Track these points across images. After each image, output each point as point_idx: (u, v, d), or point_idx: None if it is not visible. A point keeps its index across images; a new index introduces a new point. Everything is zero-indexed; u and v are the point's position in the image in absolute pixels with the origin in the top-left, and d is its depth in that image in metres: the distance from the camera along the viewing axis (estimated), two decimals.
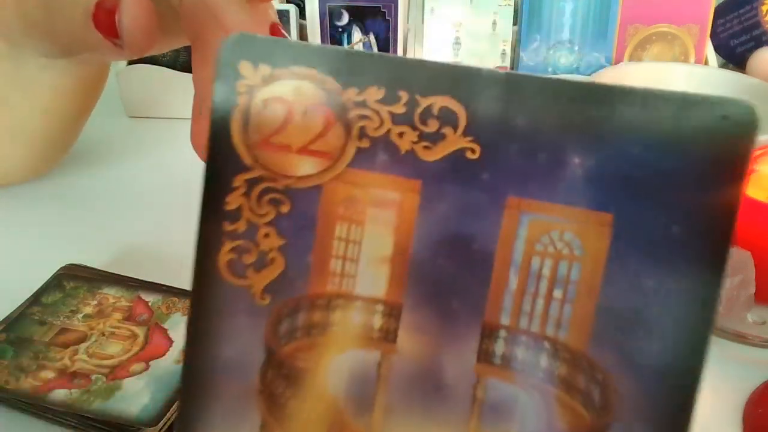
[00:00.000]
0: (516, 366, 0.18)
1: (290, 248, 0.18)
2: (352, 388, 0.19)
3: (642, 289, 0.18)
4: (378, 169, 0.17)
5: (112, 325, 0.40)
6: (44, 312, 0.41)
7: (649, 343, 0.18)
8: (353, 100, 0.16)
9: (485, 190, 0.17)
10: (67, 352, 0.38)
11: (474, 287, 0.18)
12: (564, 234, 0.18)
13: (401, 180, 0.17)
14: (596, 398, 0.18)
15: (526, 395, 0.18)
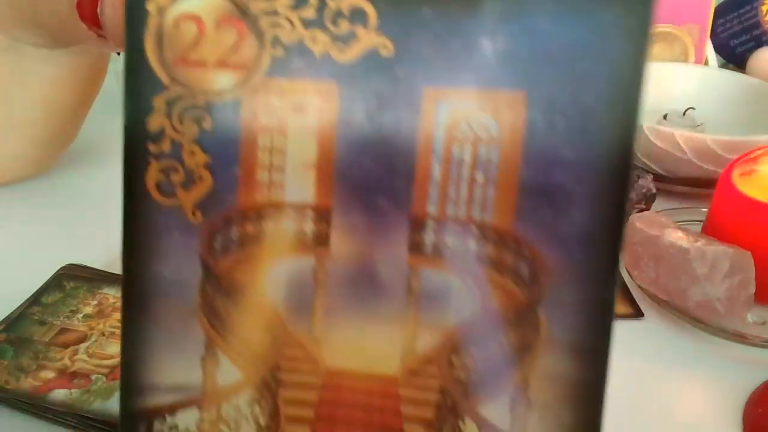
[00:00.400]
0: (447, 253, 0.19)
1: (216, 163, 0.18)
2: (291, 296, 0.19)
3: (560, 162, 0.18)
4: (295, 76, 0.17)
5: (112, 325, 0.40)
6: (44, 312, 0.41)
7: (571, 214, 0.18)
8: (263, 9, 0.16)
9: (401, 84, 0.17)
10: (67, 352, 0.38)
11: (399, 182, 0.18)
12: (481, 117, 0.18)
13: (319, 84, 0.17)
14: (526, 274, 0.19)
15: (459, 280, 0.19)
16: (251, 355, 0.20)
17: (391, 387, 0.20)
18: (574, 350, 0.18)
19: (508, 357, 0.19)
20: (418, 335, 0.19)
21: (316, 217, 0.19)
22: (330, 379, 0.20)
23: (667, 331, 0.46)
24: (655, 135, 0.58)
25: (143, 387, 0.20)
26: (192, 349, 0.20)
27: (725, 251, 0.43)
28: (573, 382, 0.18)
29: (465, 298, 0.19)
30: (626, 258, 0.49)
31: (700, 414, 0.40)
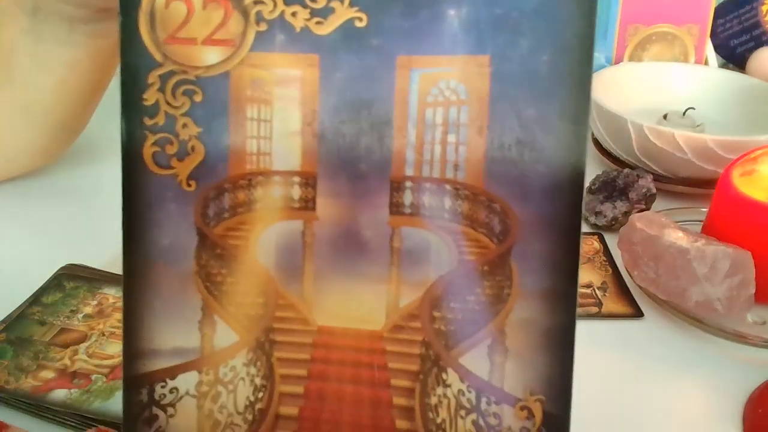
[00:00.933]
0: (424, 212, 0.20)
1: (208, 135, 0.19)
2: (281, 259, 0.20)
3: (524, 120, 0.19)
4: (278, 49, 0.18)
5: (112, 325, 0.40)
6: (44, 312, 0.41)
7: (537, 169, 0.19)
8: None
9: (376, 54, 0.19)
10: (67, 352, 0.38)
11: (378, 147, 0.20)
12: (450, 82, 0.19)
13: (300, 56, 0.19)
14: (497, 227, 0.20)
15: (437, 237, 0.20)
16: (246, 317, 0.21)
17: (378, 343, 0.21)
18: (544, 297, 0.20)
19: (485, 307, 0.20)
20: (401, 292, 0.20)
21: (302, 183, 0.20)
22: (320, 338, 0.21)
23: (667, 331, 0.46)
24: (655, 135, 0.58)
25: (144, 352, 0.21)
26: (189, 314, 0.21)
27: (725, 251, 0.43)
28: (544, 327, 0.20)
29: (443, 253, 0.20)
30: (626, 258, 0.49)
31: (700, 414, 0.40)
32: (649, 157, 0.60)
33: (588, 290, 0.49)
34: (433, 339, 0.20)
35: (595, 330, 0.46)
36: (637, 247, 0.47)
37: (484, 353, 0.20)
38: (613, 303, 0.48)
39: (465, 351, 0.20)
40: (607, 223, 0.56)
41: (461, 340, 0.20)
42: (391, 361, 0.21)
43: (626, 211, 0.55)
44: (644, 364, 0.43)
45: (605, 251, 0.53)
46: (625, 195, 0.56)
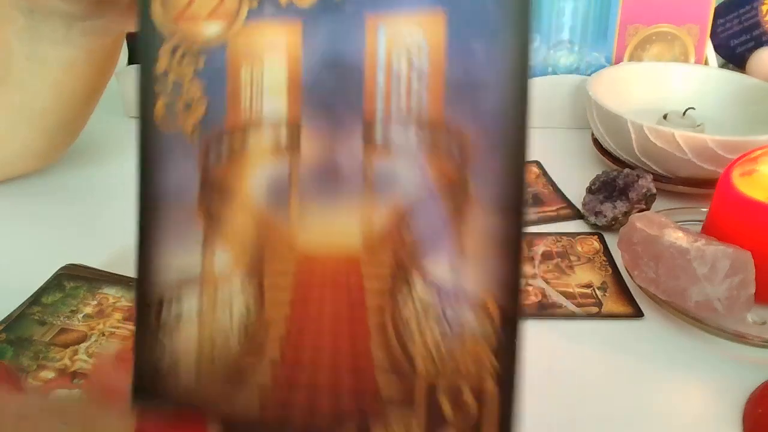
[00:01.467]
0: (393, 143, 0.23)
1: (209, 93, 0.23)
2: (271, 194, 0.24)
3: (475, 57, 0.23)
4: (267, 20, 0.22)
5: (112, 325, 0.40)
6: (44, 312, 0.41)
7: (487, 97, 0.23)
8: None
9: (350, 16, 0.22)
10: (67, 352, 0.38)
11: (353, 93, 0.23)
12: (412, 34, 0.23)
13: (286, 25, 0.23)
14: (456, 154, 0.23)
15: (405, 164, 0.23)
16: (240, 245, 0.24)
17: (355, 266, 0.24)
18: (497, 209, 0.23)
19: (446, 222, 0.23)
20: (374, 217, 0.24)
21: (288, 128, 0.24)
22: (304, 264, 0.24)
23: (667, 331, 0.46)
24: (655, 135, 0.58)
25: (153, 281, 0.25)
26: (192, 244, 0.24)
27: (725, 251, 0.43)
28: (498, 236, 0.23)
29: (410, 179, 0.23)
30: (626, 258, 0.49)
31: (700, 414, 0.40)
32: (649, 157, 0.60)
33: (588, 290, 0.49)
34: (403, 256, 0.23)
35: (595, 330, 0.46)
36: (637, 247, 0.47)
37: (446, 260, 0.23)
38: (613, 303, 0.48)
39: (429, 260, 0.23)
40: (607, 223, 0.56)
41: (426, 252, 0.23)
42: (367, 281, 0.24)
43: (626, 211, 0.55)
44: (644, 364, 0.43)
45: (605, 251, 0.53)
46: (625, 195, 0.56)
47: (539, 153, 0.69)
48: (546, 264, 0.52)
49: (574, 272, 0.51)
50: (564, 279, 0.50)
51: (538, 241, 0.55)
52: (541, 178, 0.65)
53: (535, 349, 0.45)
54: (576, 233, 0.56)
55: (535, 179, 0.65)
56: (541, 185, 0.64)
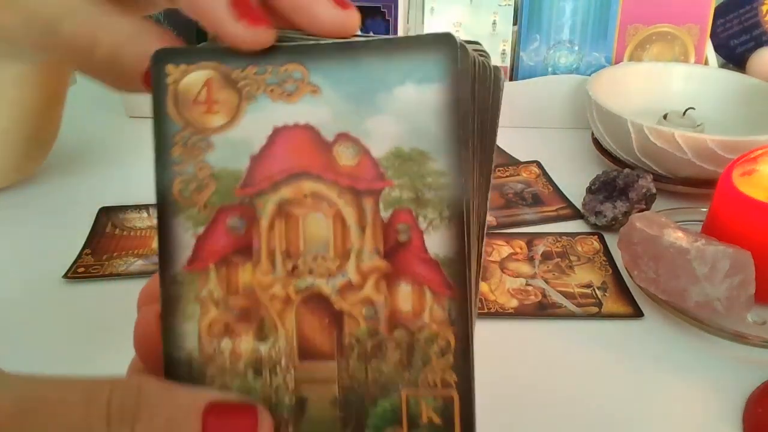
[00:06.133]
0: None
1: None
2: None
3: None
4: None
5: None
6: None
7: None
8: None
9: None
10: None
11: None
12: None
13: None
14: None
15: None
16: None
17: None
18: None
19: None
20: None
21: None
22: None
23: (667, 331, 0.46)
24: (655, 135, 0.58)
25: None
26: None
27: (725, 251, 0.43)
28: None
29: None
30: (626, 258, 0.49)
31: (700, 414, 0.40)
32: (649, 157, 0.60)
33: (588, 290, 0.49)
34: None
35: (595, 330, 0.46)
36: (637, 247, 0.47)
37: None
38: (613, 303, 0.48)
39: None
40: (607, 223, 0.56)
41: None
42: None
43: (626, 211, 0.55)
44: (644, 364, 0.43)
45: (605, 251, 0.53)
46: (625, 195, 0.56)
47: (539, 153, 0.69)
48: (546, 264, 0.52)
49: (574, 272, 0.51)
50: (564, 279, 0.50)
51: (538, 241, 0.55)
52: (541, 178, 0.65)
53: (535, 349, 0.45)
54: (576, 233, 0.56)
55: (535, 179, 0.65)
56: (541, 185, 0.64)
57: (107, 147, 0.69)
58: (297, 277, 0.26)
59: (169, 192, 0.26)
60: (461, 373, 0.25)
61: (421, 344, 0.25)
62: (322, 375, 0.26)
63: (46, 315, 0.46)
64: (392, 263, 0.25)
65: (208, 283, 0.26)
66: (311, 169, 0.26)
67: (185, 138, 0.26)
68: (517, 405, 0.39)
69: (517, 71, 0.76)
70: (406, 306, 0.26)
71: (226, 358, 0.26)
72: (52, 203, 0.59)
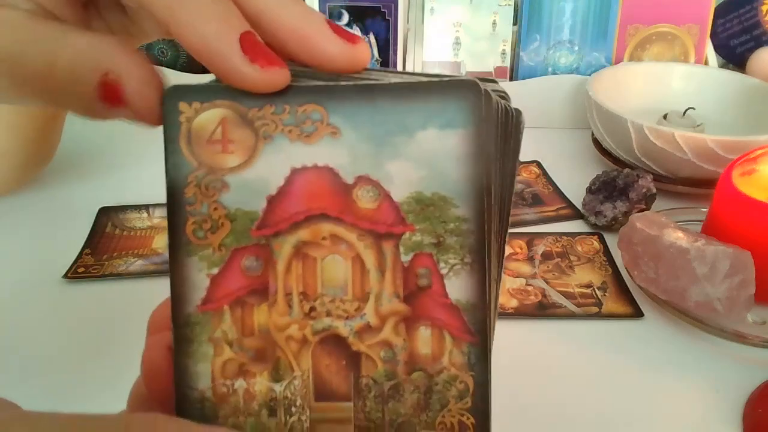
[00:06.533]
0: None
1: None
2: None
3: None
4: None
5: None
6: None
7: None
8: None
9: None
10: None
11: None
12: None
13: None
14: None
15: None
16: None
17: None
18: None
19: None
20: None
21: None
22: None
23: (667, 331, 0.46)
24: (655, 135, 0.58)
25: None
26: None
27: (725, 251, 0.43)
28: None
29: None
30: (626, 258, 0.49)
31: (700, 414, 0.40)
32: (649, 157, 0.60)
33: (588, 290, 0.49)
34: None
35: (595, 330, 0.46)
36: (637, 247, 0.47)
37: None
38: (613, 303, 0.48)
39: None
40: (607, 223, 0.56)
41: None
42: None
43: (626, 211, 0.55)
44: (644, 364, 0.43)
45: (605, 251, 0.53)
46: (625, 195, 0.56)
47: (539, 153, 0.69)
48: (546, 264, 0.52)
49: (574, 272, 0.51)
50: (564, 279, 0.50)
51: (538, 241, 0.55)
52: (541, 178, 0.65)
53: (535, 349, 0.45)
54: (576, 233, 0.56)
55: (535, 179, 0.65)
56: (541, 185, 0.64)
57: (107, 147, 0.69)
58: (314, 318, 0.26)
59: (182, 232, 0.26)
60: (479, 415, 0.25)
61: (440, 387, 0.25)
62: (337, 416, 0.25)
63: (46, 315, 0.46)
64: (412, 307, 0.25)
65: (222, 324, 0.26)
66: (330, 212, 0.25)
67: (199, 178, 0.25)
68: (517, 405, 0.39)
69: (517, 71, 0.76)
70: (425, 349, 0.25)
71: (240, 398, 0.26)
72: (52, 203, 0.59)
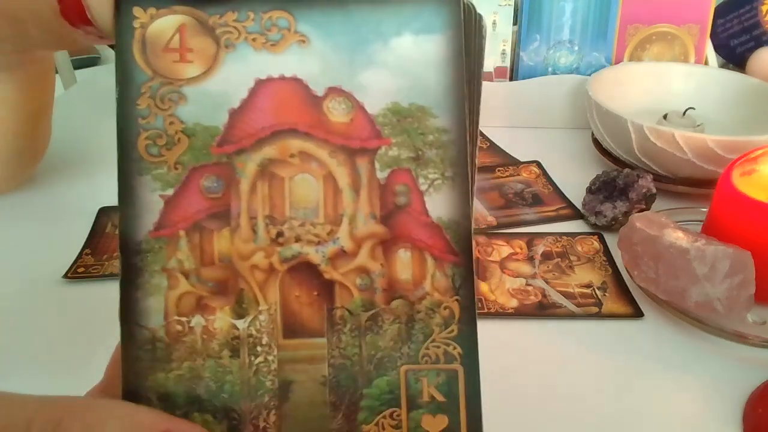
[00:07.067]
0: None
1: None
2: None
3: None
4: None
5: None
6: None
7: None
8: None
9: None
10: None
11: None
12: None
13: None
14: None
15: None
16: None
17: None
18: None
19: None
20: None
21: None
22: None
23: (667, 331, 0.46)
24: (655, 135, 0.58)
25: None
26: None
27: (725, 251, 0.43)
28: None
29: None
30: (626, 258, 0.49)
31: (700, 414, 0.40)
32: (649, 157, 0.60)
33: (588, 290, 0.49)
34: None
35: (595, 330, 0.46)
36: (637, 247, 0.47)
37: None
38: (613, 303, 0.48)
39: None
40: (607, 223, 0.56)
41: None
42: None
43: (626, 211, 0.55)
44: (644, 364, 0.43)
45: (605, 251, 0.53)
46: (625, 195, 0.56)
47: (539, 153, 0.69)
48: (546, 264, 0.52)
49: (574, 272, 0.51)
50: (564, 279, 0.50)
51: (538, 241, 0.55)
52: (541, 178, 0.65)
53: (535, 349, 0.45)
54: (576, 233, 0.56)
55: (535, 179, 0.65)
56: (541, 185, 0.64)
57: (107, 147, 0.69)
58: (282, 244, 0.23)
59: (133, 148, 0.23)
60: (466, 344, 0.23)
61: (422, 315, 0.23)
62: (309, 354, 0.23)
63: (46, 315, 0.46)
64: (390, 228, 0.23)
65: (178, 252, 0.23)
66: (299, 126, 0.23)
67: (154, 89, 0.23)
68: (517, 405, 0.39)
69: (517, 71, 0.76)
70: (405, 274, 0.23)
71: (197, 337, 0.23)
72: (52, 203, 0.59)
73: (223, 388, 0.23)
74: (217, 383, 0.23)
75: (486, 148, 0.71)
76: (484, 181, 0.64)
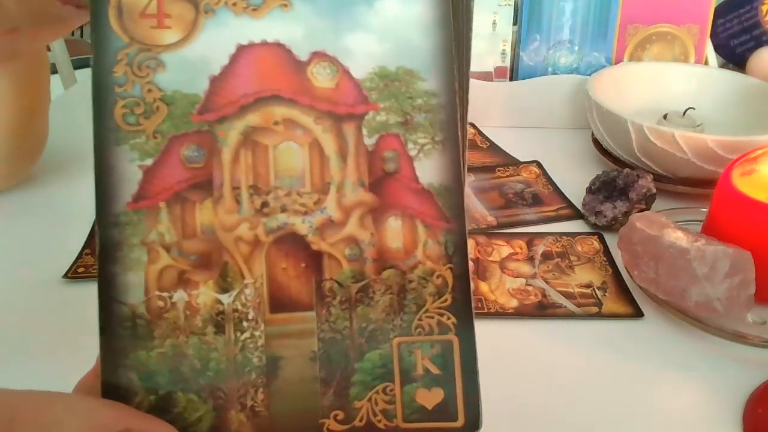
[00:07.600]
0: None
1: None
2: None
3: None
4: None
5: None
6: None
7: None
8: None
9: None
10: None
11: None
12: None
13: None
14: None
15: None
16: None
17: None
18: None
19: None
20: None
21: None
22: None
23: (667, 331, 0.46)
24: (655, 135, 0.58)
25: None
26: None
27: (725, 251, 0.43)
28: None
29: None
30: (626, 258, 0.49)
31: (700, 414, 0.40)
32: (649, 157, 0.60)
33: (588, 290, 0.49)
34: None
35: (595, 330, 0.46)
36: (637, 247, 0.47)
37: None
38: (613, 303, 0.48)
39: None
40: (607, 223, 0.56)
41: None
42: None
43: (626, 211, 0.55)
44: (644, 364, 0.43)
45: (605, 251, 0.53)
46: (625, 195, 0.56)
47: (539, 153, 0.69)
48: (546, 264, 0.52)
49: (574, 272, 0.51)
50: (564, 279, 0.50)
51: (538, 241, 0.55)
52: (541, 178, 0.65)
53: (535, 349, 0.45)
54: (576, 233, 0.56)
55: (535, 179, 0.65)
56: (541, 185, 0.64)
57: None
58: (267, 215, 0.22)
59: (109, 117, 0.23)
60: (461, 314, 0.22)
61: (415, 285, 0.22)
62: (298, 328, 0.22)
63: (46, 315, 0.46)
64: (379, 196, 0.22)
65: (158, 225, 0.22)
66: (282, 93, 0.23)
67: (131, 56, 0.22)
68: (517, 405, 0.39)
69: (517, 71, 0.76)
70: (396, 243, 0.22)
71: (180, 313, 0.22)
72: (52, 203, 0.59)
73: (208, 366, 0.22)
74: (201, 361, 0.22)
75: (486, 148, 0.71)
76: (484, 181, 0.64)
